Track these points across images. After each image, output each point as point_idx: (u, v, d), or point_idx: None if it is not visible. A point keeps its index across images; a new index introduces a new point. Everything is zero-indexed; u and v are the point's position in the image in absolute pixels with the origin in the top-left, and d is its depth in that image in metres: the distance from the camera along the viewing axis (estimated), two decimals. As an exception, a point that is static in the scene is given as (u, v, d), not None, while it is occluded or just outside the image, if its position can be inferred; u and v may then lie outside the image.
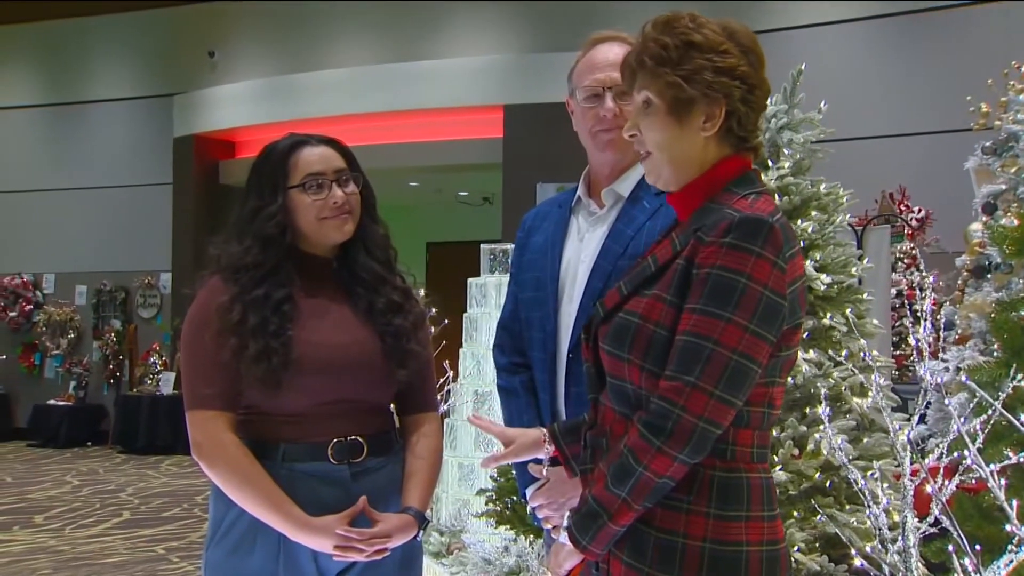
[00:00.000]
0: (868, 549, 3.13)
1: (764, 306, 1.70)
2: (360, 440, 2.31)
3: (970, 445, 2.71)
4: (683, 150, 1.85)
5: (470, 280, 5.77)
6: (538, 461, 2.19)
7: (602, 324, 1.88)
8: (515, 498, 4.36)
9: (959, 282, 5.59)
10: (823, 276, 3.61)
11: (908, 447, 2.95)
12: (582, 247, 2.41)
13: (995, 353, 3.96)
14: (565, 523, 1.85)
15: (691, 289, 1.74)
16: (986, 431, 2.80)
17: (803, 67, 3.85)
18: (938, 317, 5.32)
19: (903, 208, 8.62)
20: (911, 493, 2.88)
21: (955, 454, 2.87)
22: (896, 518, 3.08)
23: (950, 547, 2.78)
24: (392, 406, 2.47)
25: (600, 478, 1.77)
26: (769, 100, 3.81)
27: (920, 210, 8.68)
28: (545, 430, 2.13)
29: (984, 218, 5.33)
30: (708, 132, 1.83)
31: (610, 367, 1.85)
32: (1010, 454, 2.83)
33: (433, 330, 2.57)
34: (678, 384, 1.70)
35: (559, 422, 2.17)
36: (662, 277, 1.80)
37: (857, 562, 3.18)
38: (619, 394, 1.84)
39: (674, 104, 1.82)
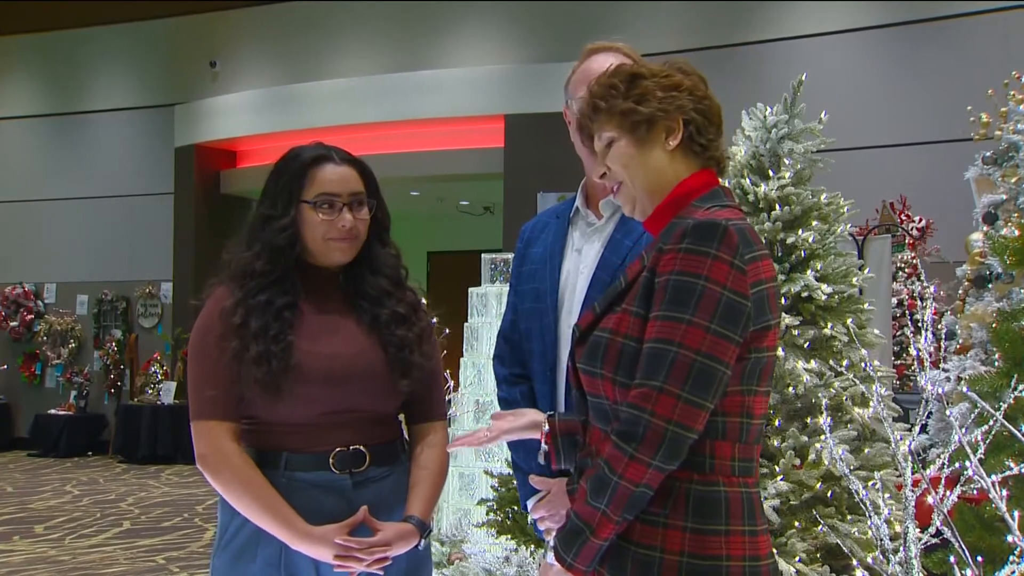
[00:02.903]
0: (870, 560, 3.12)
1: (724, 306, 1.72)
2: (362, 450, 2.31)
3: (971, 456, 2.70)
4: (652, 170, 1.90)
5: (471, 289, 5.77)
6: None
7: (578, 345, 1.90)
8: (516, 508, 4.35)
9: (960, 292, 5.58)
10: (824, 286, 3.60)
11: (909, 457, 2.95)
12: (581, 258, 2.41)
13: (996, 363, 3.96)
14: (551, 543, 1.85)
15: (654, 297, 1.76)
16: (987, 441, 2.80)
17: (804, 77, 3.85)
18: (939, 327, 5.32)
19: (904, 218, 8.62)
20: (912, 503, 2.88)
21: (956, 464, 2.87)
22: (898, 528, 3.08)
23: (952, 558, 2.78)
24: (401, 415, 2.47)
25: (582, 493, 1.78)
26: (770, 110, 3.84)
27: (921, 220, 8.68)
28: (546, 422, 2.06)
29: (985, 228, 5.33)
30: (672, 145, 1.89)
31: (587, 385, 1.88)
32: (1011, 464, 2.82)
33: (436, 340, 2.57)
34: (645, 390, 1.72)
35: (560, 414, 2.14)
36: (630, 291, 1.83)
37: (859, 573, 3.18)
38: (599, 412, 1.86)
39: (634, 128, 1.89)
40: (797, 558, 3.32)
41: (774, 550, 1.88)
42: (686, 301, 1.72)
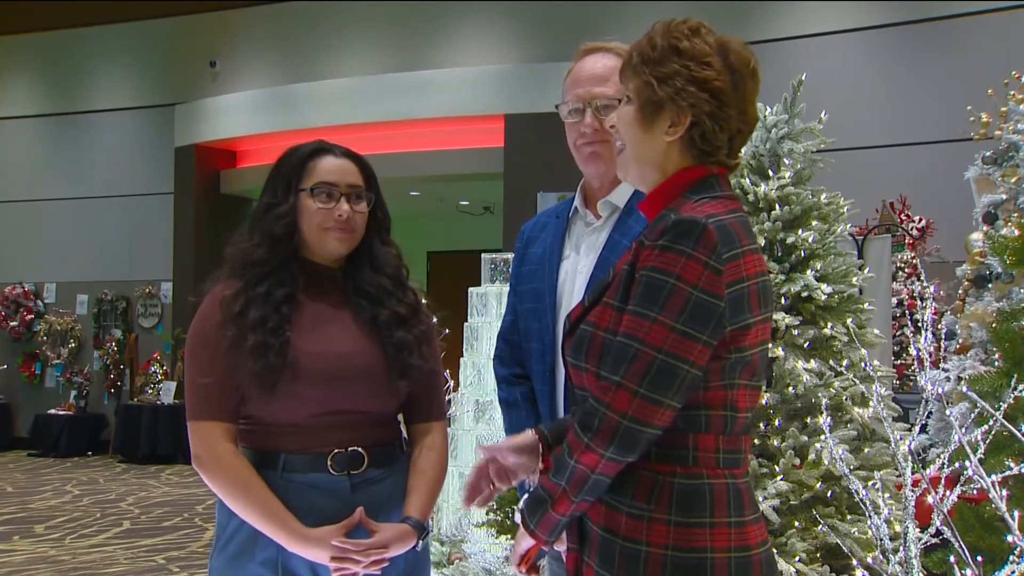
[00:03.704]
0: (869, 559, 3.12)
1: (693, 305, 1.71)
2: (360, 451, 2.31)
3: (971, 455, 2.70)
4: (646, 150, 1.88)
5: (471, 289, 5.77)
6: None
7: (567, 338, 1.91)
8: (516, 508, 4.36)
9: (960, 292, 5.57)
10: (824, 286, 3.60)
11: (909, 457, 2.95)
12: (579, 258, 2.41)
13: (996, 363, 3.96)
14: (520, 506, 1.87)
15: (630, 292, 1.77)
16: (987, 441, 2.80)
17: (804, 76, 3.85)
18: (939, 327, 5.32)
19: (904, 218, 8.62)
20: (912, 503, 2.88)
21: (956, 464, 2.87)
22: (897, 528, 3.08)
23: (951, 558, 2.78)
24: (401, 415, 2.47)
25: (549, 466, 1.84)
26: (769, 109, 3.84)
27: (921, 219, 8.68)
28: (537, 436, 2.03)
29: (985, 228, 5.33)
30: (670, 138, 1.85)
31: (574, 378, 1.89)
32: (1011, 464, 2.82)
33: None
34: (605, 383, 1.73)
35: (550, 426, 2.09)
36: (613, 285, 1.83)
37: (859, 572, 3.18)
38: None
39: (645, 104, 1.86)
40: (797, 558, 3.32)
41: (770, 541, 1.86)
42: (655, 298, 1.72)
